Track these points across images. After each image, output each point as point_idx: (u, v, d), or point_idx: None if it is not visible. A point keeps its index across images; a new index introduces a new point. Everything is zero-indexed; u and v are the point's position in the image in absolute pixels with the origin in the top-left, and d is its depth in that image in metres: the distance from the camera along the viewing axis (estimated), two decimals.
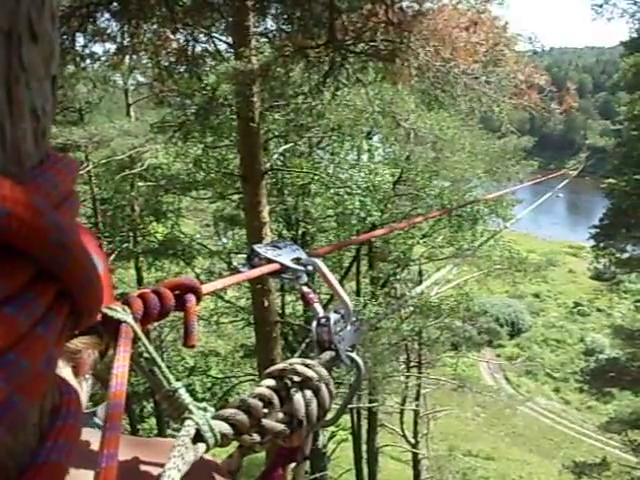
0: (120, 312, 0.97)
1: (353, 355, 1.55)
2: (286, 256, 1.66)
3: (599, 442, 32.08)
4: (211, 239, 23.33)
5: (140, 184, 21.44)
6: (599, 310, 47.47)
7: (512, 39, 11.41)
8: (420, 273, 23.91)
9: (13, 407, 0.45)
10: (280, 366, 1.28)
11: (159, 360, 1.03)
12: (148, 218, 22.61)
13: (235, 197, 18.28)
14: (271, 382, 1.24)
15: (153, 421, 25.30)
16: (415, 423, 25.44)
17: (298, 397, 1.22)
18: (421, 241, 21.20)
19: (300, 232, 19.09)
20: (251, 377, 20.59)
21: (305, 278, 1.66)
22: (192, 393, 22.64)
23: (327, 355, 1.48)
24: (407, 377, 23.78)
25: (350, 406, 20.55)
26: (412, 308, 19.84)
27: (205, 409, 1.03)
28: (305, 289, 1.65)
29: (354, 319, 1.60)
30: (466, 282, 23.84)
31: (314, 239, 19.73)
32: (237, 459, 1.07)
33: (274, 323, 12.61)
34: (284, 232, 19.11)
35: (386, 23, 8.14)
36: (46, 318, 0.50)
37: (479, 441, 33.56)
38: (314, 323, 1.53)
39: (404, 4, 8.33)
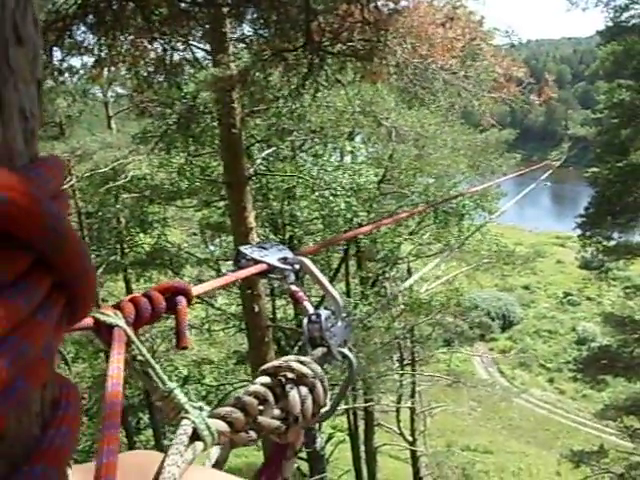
0: (112, 316, 0.98)
1: (345, 350, 1.56)
2: (273, 256, 1.67)
3: (595, 430, 32.17)
4: (198, 247, 23.33)
5: (125, 196, 21.38)
6: (589, 299, 47.62)
7: (489, 33, 11.49)
8: (409, 271, 23.94)
9: (18, 389, 0.46)
10: (275, 363, 1.29)
11: (153, 362, 1.04)
12: (134, 229, 22.55)
13: (220, 204, 18.28)
14: (266, 379, 1.25)
15: (150, 432, 25.25)
16: (412, 421, 25.47)
17: (294, 394, 1.23)
18: (408, 239, 21.22)
19: (287, 236, 19.10)
20: (246, 383, 20.55)
21: (293, 277, 1.67)
22: None
23: (319, 351, 1.49)
24: (401, 375, 23.82)
25: (346, 407, 20.59)
26: (403, 306, 19.89)
27: (201, 408, 1.04)
28: (293, 287, 1.66)
29: (344, 315, 1.61)
30: (455, 277, 23.93)
31: (301, 242, 19.75)
32: (226, 450, 1.08)
33: (266, 328, 12.63)
34: (271, 236, 19.10)
35: (362, 23, 8.18)
36: (44, 305, 0.51)
37: (476, 435, 33.62)
38: (305, 320, 1.54)
39: (379, 3, 8.37)
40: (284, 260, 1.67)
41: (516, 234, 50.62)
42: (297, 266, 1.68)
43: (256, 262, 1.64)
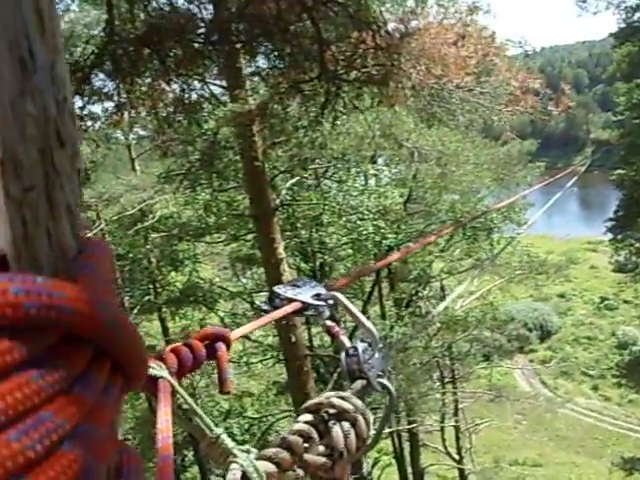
0: (156, 369, 1.01)
1: (384, 381, 1.58)
2: (306, 294, 1.70)
3: None
4: (230, 281, 23.37)
5: (154, 235, 21.52)
6: (626, 302, 46.96)
7: (502, 46, 11.52)
8: (442, 288, 23.86)
9: (92, 471, 0.51)
10: (316, 400, 1.32)
11: (199, 410, 1.07)
12: (166, 268, 22.65)
13: (249, 237, 18.33)
14: (308, 417, 1.28)
15: (195, 469, 25.22)
16: (457, 439, 25.26)
17: (337, 429, 1.26)
18: (439, 257, 21.16)
19: (318, 263, 19.10)
20: (287, 413, 20.53)
21: (327, 312, 1.70)
22: (230, 436, 22.32)
23: (359, 384, 1.51)
24: (443, 394, 23.65)
25: (390, 430, 20.47)
26: (439, 324, 19.78)
27: (248, 451, 1.07)
28: (329, 323, 1.68)
29: (381, 345, 1.64)
30: (489, 291, 23.78)
31: (332, 268, 19.74)
32: None
33: (304, 357, 12.65)
34: (302, 265, 19.12)
35: (375, 49, 8.24)
36: (106, 389, 0.57)
37: (524, 449, 33.19)
38: (343, 354, 1.57)
39: (390, 27, 8.44)
40: (317, 296, 1.70)
41: (547, 243, 50.21)
42: (331, 301, 1.70)
43: (290, 301, 1.66)
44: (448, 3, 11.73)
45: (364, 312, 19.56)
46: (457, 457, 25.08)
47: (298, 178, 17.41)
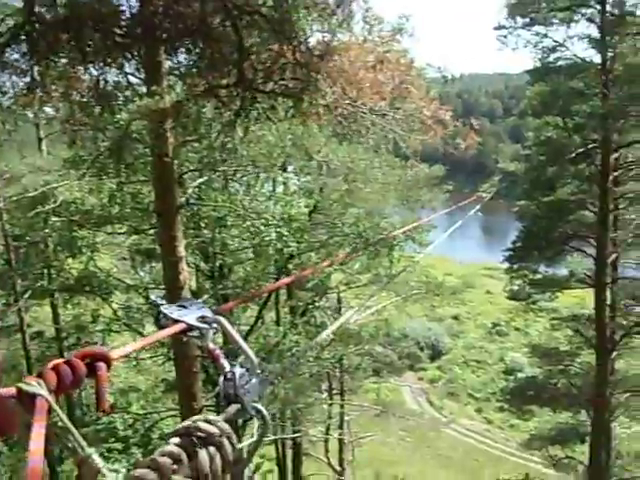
0: (35, 386, 1.05)
1: (258, 406, 1.64)
2: (192, 315, 1.75)
3: (522, 459, 32.61)
4: (127, 273, 22.94)
5: (54, 219, 20.96)
6: (517, 329, 48.32)
7: (421, 71, 11.69)
8: (339, 300, 24.03)
9: None
10: (185, 424, 1.37)
11: (73, 429, 1.11)
12: (63, 254, 22.09)
13: (151, 231, 18.06)
14: (178, 440, 1.33)
15: None
16: (340, 451, 25.49)
17: (203, 453, 1.31)
18: (339, 269, 21.27)
19: (217, 264, 18.99)
20: (173, 412, 20.31)
21: (211, 335, 1.76)
22: (113, 431, 22.15)
23: (233, 408, 1.57)
24: (330, 405, 23.83)
25: (274, 437, 20.52)
26: (332, 335, 19.91)
27: (117, 471, 1.12)
28: (211, 346, 1.74)
29: (259, 371, 1.70)
30: (385, 308, 24.08)
31: (231, 270, 19.65)
32: None
33: (194, 357, 12.55)
34: (201, 265, 18.98)
35: (294, 63, 8.30)
36: None
37: (405, 465, 33.59)
38: (221, 378, 1.63)
39: (312, 42, 8.52)
40: (202, 319, 1.76)
41: (446, 265, 51.08)
42: (215, 325, 1.76)
43: (175, 322, 1.72)
44: (374, 21, 11.88)
45: (260, 317, 19.58)
46: (339, 469, 25.32)
47: (206, 178, 17.24)
